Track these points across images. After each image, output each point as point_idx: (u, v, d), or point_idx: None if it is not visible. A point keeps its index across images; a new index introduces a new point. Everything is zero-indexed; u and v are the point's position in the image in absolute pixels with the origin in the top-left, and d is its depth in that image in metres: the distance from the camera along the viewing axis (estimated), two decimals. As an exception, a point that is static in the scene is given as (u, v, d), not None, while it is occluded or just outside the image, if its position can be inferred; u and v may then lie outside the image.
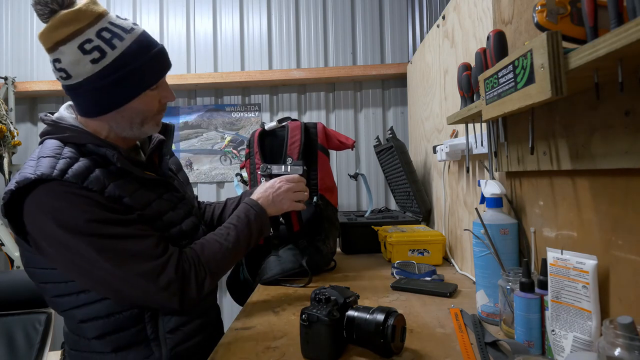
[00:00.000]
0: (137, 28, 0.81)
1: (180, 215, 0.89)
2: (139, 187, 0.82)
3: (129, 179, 0.81)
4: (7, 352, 1.19)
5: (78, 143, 0.79)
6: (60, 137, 0.79)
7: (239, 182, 1.64)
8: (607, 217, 0.61)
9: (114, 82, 0.77)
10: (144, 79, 0.80)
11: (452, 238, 1.34)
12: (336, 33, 2.22)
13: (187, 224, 0.89)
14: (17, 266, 2.03)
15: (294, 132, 1.29)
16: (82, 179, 0.73)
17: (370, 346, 0.68)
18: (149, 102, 0.83)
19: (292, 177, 1.06)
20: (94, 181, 0.74)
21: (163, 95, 0.85)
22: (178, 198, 0.91)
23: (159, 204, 0.84)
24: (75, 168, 0.73)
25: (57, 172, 0.71)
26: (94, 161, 0.78)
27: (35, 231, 0.73)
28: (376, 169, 2.16)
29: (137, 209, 0.79)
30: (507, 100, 0.66)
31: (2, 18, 2.33)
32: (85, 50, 0.74)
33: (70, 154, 0.76)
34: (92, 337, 0.79)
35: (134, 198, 0.79)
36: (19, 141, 2.05)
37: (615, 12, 0.46)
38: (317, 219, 1.27)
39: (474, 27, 1.10)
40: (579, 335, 0.58)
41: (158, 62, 0.82)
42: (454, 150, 1.20)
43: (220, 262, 0.85)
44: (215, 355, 0.73)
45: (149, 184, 0.85)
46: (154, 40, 0.83)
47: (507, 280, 0.73)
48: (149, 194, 0.84)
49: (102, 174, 0.76)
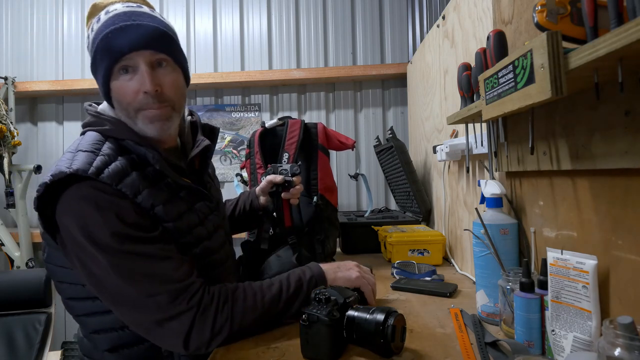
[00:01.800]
0: (123, 8, 0.74)
1: (209, 229, 0.83)
2: (172, 194, 0.78)
3: (162, 184, 0.77)
4: (7, 352, 1.19)
5: (117, 138, 0.76)
6: (101, 129, 0.77)
7: (239, 182, 1.64)
8: (607, 217, 0.61)
9: (92, 66, 0.76)
10: (100, 64, 0.74)
11: (452, 238, 1.34)
12: (336, 33, 2.22)
13: (215, 240, 0.84)
14: (17, 266, 2.03)
15: (293, 127, 1.29)
16: (117, 181, 0.70)
17: (370, 346, 0.68)
18: (119, 89, 0.74)
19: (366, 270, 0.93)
20: (129, 185, 0.71)
21: (138, 84, 0.73)
22: (210, 209, 0.86)
23: (189, 216, 0.79)
24: (112, 168, 0.70)
25: (93, 170, 0.68)
26: (132, 161, 0.74)
27: (64, 230, 0.70)
28: (376, 169, 2.16)
29: (167, 220, 0.74)
30: (507, 100, 0.66)
31: (2, 18, 2.33)
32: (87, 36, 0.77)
33: (109, 151, 0.73)
34: (105, 349, 0.77)
35: (166, 208, 0.75)
36: (19, 141, 2.05)
37: (615, 12, 0.46)
38: (317, 219, 1.27)
39: (474, 27, 1.10)
40: (579, 335, 0.58)
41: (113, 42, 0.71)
42: (454, 150, 1.20)
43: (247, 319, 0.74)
44: (215, 355, 0.72)
45: (182, 190, 0.80)
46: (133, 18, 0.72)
47: (507, 280, 0.73)
48: (180, 203, 0.78)
49: (138, 178, 0.72)
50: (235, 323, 0.72)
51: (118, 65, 0.73)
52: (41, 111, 2.31)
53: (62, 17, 2.31)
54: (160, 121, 0.77)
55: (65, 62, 2.30)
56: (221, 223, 0.89)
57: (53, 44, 2.30)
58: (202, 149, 0.87)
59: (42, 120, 2.31)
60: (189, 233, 0.77)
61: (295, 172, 1.11)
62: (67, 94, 2.28)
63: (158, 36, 0.73)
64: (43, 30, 2.31)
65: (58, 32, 2.31)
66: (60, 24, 2.31)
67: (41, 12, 2.32)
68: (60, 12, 2.31)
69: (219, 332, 0.71)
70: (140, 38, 0.71)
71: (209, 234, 0.83)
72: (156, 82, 0.74)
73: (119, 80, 0.74)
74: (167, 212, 0.74)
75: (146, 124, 0.76)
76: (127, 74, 0.73)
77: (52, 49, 2.30)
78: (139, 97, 0.74)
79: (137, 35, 0.71)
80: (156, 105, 0.75)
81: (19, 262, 2.03)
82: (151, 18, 0.75)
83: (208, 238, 0.82)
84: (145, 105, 0.75)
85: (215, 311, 0.71)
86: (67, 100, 2.31)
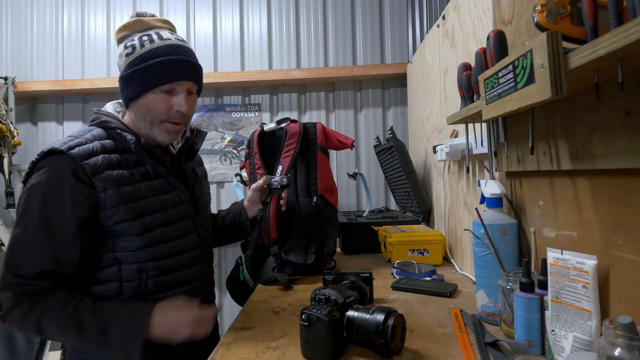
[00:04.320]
0: (175, 41, 0.89)
1: (171, 217, 0.90)
2: (140, 179, 0.87)
3: (136, 170, 0.87)
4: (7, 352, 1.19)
5: (107, 127, 0.89)
6: (98, 122, 0.90)
7: (238, 182, 1.64)
8: (607, 217, 0.61)
9: (131, 75, 0.87)
10: (150, 78, 0.86)
11: (452, 238, 1.34)
12: (336, 33, 2.22)
13: (176, 229, 0.91)
14: (17, 266, 2.03)
15: (291, 140, 1.29)
16: (82, 159, 0.81)
17: (370, 346, 0.68)
18: (156, 102, 0.87)
19: (202, 316, 0.83)
20: (91, 165, 0.81)
21: (176, 103, 0.88)
22: (182, 199, 0.93)
23: (150, 202, 0.87)
24: (84, 148, 0.83)
25: (65, 147, 0.81)
26: (107, 147, 0.86)
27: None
28: (376, 169, 2.16)
29: (115, 204, 0.82)
30: (507, 100, 0.66)
31: (2, 18, 2.33)
32: (126, 46, 0.89)
33: (89, 137, 0.86)
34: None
35: (121, 191, 0.83)
36: (19, 141, 2.05)
37: (615, 12, 0.46)
38: (316, 219, 1.27)
39: (474, 27, 1.10)
40: (579, 335, 0.58)
41: (169, 68, 0.86)
42: (454, 150, 1.20)
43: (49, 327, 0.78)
44: (215, 355, 0.73)
45: (159, 178, 0.90)
46: (184, 53, 0.89)
47: (507, 280, 0.73)
48: (146, 189, 0.87)
49: (105, 161, 0.83)
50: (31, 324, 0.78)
51: (166, 87, 0.87)
52: (41, 111, 2.31)
53: (62, 17, 2.31)
54: (175, 134, 0.92)
55: (65, 62, 2.30)
56: (190, 215, 0.95)
57: (53, 44, 2.30)
58: (189, 146, 1.00)
59: (42, 120, 2.31)
60: (144, 216, 0.85)
61: (283, 183, 1.19)
62: (67, 94, 2.28)
63: (197, 71, 0.92)
64: (43, 30, 2.31)
65: (58, 32, 2.31)
66: (60, 24, 2.31)
67: (41, 12, 2.32)
68: (60, 12, 2.31)
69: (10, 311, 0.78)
70: (189, 72, 0.89)
71: (168, 222, 0.89)
72: (189, 105, 0.91)
73: (158, 94, 0.87)
74: (123, 195, 0.83)
75: (163, 133, 0.90)
76: (166, 93, 0.88)
77: (52, 49, 2.30)
78: (172, 112, 0.89)
79: (187, 69, 0.89)
80: (179, 121, 0.91)
81: (19, 262, 2.03)
82: (194, 55, 0.92)
83: (166, 225, 0.89)
84: (173, 119, 0.89)
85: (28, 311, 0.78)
86: (67, 100, 2.31)
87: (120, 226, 0.83)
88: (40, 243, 0.79)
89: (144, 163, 0.89)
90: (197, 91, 0.95)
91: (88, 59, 2.29)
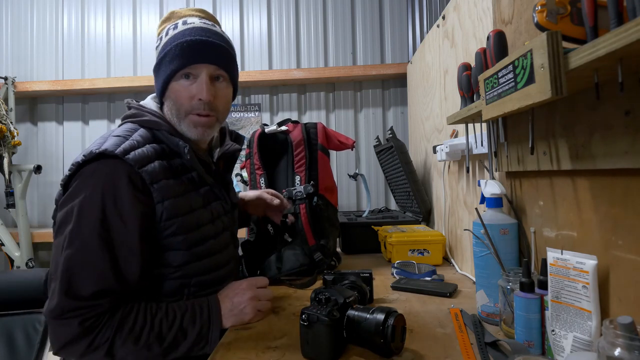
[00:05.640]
0: (199, 23, 0.82)
1: (218, 229, 0.86)
2: (191, 188, 0.82)
3: (185, 178, 0.82)
4: (7, 352, 1.19)
5: (153, 128, 0.82)
6: (139, 120, 0.83)
7: (238, 182, 1.64)
8: (607, 217, 0.61)
9: (158, 64, 0.83)
10: (168, 65, 0.80)
11: (452, 238, 1.34)
12: (336, 33, 2.22)
13: (220, 241, 0.87)
14: (17, 266, 2.03)
15: (298, 148, 1.28)
16: (140, 165, 0.74)
17: (370, 346, 0.68)
18: (177, 91, 0.81)
19: (260, 281, 0.88)
20: (150, 172, 0.75)
21: (196, 90, 0.80)
22: (225, 210, 0.90)
23: (201, 213, 0.82)
24: (139, 152, 0.75)
25: (121, 150, 0.73)
26: (160, 151, 0.79)
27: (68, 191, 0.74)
28: (376, 169, 2.16)
29: (175, 215, 0.77)
30: (507, 100, 0.66)
31: (2, 18, 2.33)
32: (159, 39, 0.85)
33: (139, 138, 0.78)
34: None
35: (179, 202, 0.78)
36: (19, 141, 2.05)
37: (615, 12, 0.46)
38: (317, 219, 1.27)
39: (474, 27, 1.10)
40: (579, 335, 0.58)
41: (184, 50, 0.79)
42: (454, 150, 1.20)
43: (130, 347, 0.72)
44: (215, 355, 0.73)
45: (204, 187, 0.85)
46: (204, 33, 0.81)
47: (507, 280, 0.73)
48: (197, 199, 0.82)
49: (160, 168, 0.77)
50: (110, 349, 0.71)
51: (183, 71, 0.80)
52: (41, 111, 2.31)
53: (62, 17, 2.31)
54: (203, 127, 0.83)
55: (65, 62, 2.30)
56: (230, 225, 0.91)
57: (53, 44, 2.31)
58: (231, 153, 0.95)
59: (42, 120, 2.31)
60: (196, 229, 0.80)
61: (309, 192, 1.20)
62: (67, 94, 2.28)
63: (223, 54, 0.82)
64: (43, 30, 2.32)
65: (58, 32, 2.31)
66: (60, 24, 2.31)
67: (41, 12, 2.32)
68: (60, 12, 2.32)
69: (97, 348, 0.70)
70: (209, 53, 0.80)
71: (216, 234, 0.85)
72: (212, 92, 0.81)
73: (179, 83, 0.81)
74: (179, 207, 0.78)
75: (190, 128, 0.83)
76: (188, 80, 0.81)
77: (52, 49, 2.30)
78: (193, 102, 0.81)
79: (206, 49, 0.80)
80: (205, 112, 0.82)
81: (19, 262, 2.03)
82: (221, 37, 0.83)
83: (214, 237, 0.84)
84: (197, 110, 0.81)
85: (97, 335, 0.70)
86: (67, 100, 2.31)
87: (171, 240, 0.77)
88: (103, 262, 0.71)
89: (190, 170, 0.82)
90: (229, 79, 0.85)
91: (88, 59, 2.29)
